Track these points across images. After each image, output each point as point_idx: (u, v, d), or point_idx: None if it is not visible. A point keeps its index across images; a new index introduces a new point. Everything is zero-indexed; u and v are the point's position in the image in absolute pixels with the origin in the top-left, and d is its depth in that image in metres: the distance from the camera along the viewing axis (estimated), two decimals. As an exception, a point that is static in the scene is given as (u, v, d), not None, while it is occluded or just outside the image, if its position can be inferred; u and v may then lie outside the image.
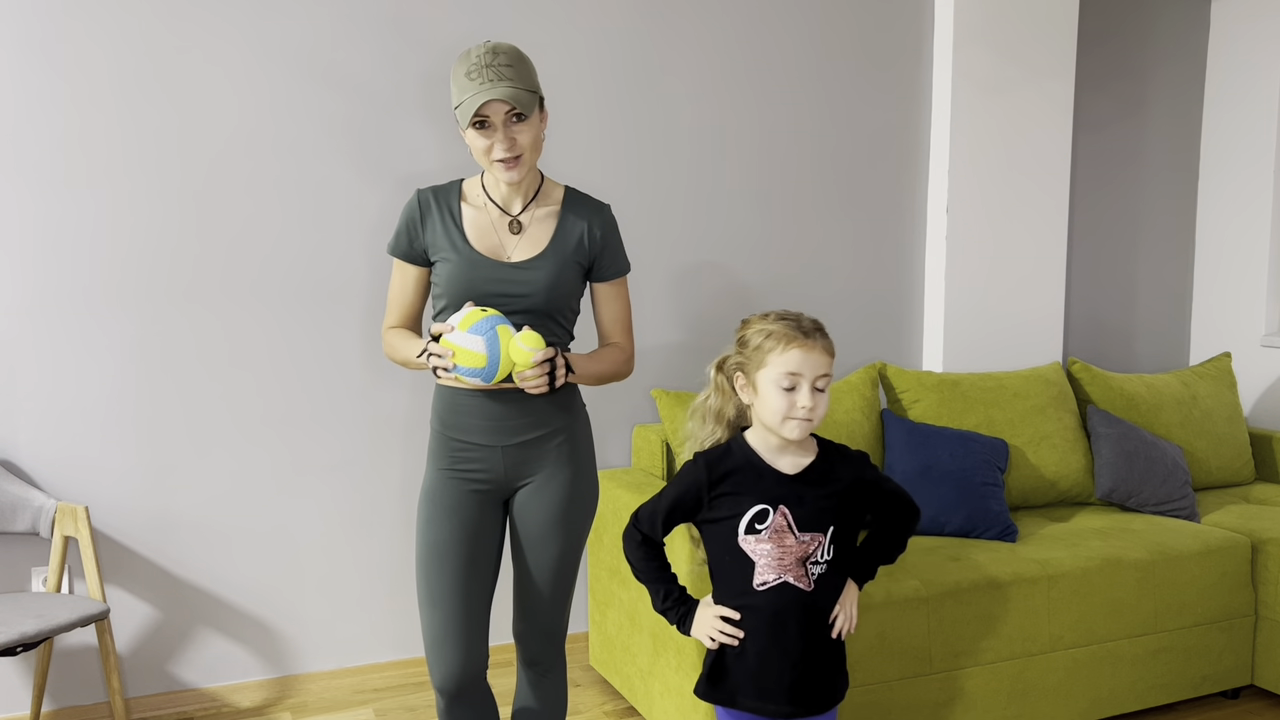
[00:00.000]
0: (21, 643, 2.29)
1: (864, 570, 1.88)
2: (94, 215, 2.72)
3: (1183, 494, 3.13)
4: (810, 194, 3.44)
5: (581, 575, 3.27)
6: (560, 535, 2.03)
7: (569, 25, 3.10)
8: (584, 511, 2.06)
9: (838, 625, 1.80)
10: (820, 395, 1.74)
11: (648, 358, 3.26)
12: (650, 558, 1.85)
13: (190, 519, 2.86)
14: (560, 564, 2.05)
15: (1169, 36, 3.96)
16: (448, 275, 1.96)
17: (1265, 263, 3.84)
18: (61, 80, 2.66)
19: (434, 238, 1.98)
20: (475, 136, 1.89)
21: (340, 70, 2.88)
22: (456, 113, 1.88)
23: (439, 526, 1.99)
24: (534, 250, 1.98)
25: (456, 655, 1.98)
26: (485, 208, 2.00)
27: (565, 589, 2.07)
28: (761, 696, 1.77)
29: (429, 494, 2.02)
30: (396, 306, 2.08)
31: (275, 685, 2.99)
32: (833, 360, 1.77)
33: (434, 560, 1.98)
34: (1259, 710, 2.92)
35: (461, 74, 1.86)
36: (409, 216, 2.01)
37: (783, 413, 1.73)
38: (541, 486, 2.01)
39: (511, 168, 1.90)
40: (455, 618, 1.97)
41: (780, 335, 1.73)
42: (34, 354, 2.70)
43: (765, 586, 1.75)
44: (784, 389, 1.72)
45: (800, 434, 1.74)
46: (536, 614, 2.06)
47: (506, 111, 1.86)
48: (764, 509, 1.75)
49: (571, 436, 2.04)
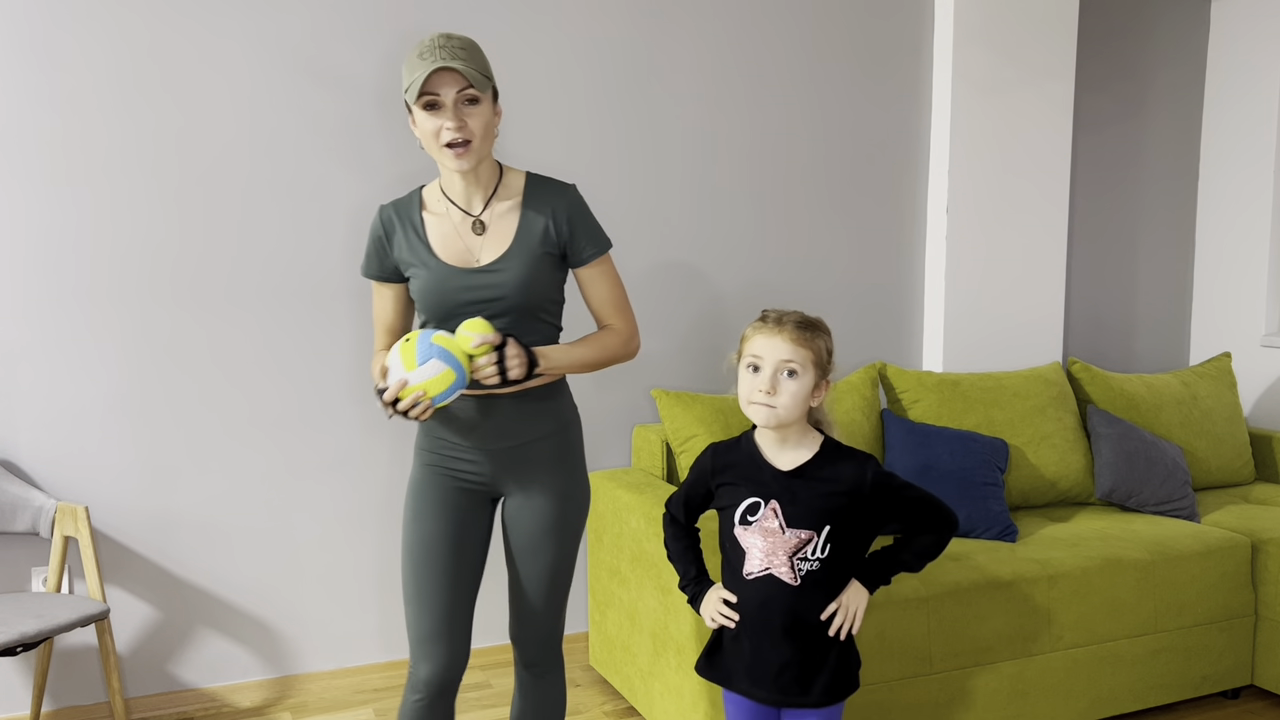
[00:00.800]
0: (21, 643, 2.29)
1: (874, 574, 1.86)
2: (93, 216, 2.72)
3: (1183, 494, 3.13)
4: (810, 194, 3.45)
5: (581, 575, 3.27)
6: (554, 541, 2.00)
7: (568, 26, 3.10)
8: (577, 515, 2.04)
9: (835, 623, 1.80)
10: (786, 381, 1.76)
11: (647, 358, 3.26)
12: (677, 538, 1.96)
13: (190, 519, 2.87)
14: (555, 569, 2.02)
15: (1169, 36, 3.96)
16: (420, 290, 1.93)
17: (1265, 263, 3.84)
18: (61, 81, 2.66)
19: (402, 254, 1.94)
20: (425, 118, 1.83)
21: (339, 70, 2.88)
22: (406, 96, 1.82)
23: (426, 521, 1.97)
24: (500, 249, 1.92)
25: (444, 652, 1.97)
26: (447, 212, 1.94)
27: (561, 593, 2.06)
28: (752, 682, 1.83)
29: (416, 488, 2.00)
30: (382, 327, 2.05)
31: (275, 685, 2.99)
32: (807, 353, 1.77)
33: (421, 555, 1.96)
34: (1259, 710, 2.92)
35: (414, 56, 1.81)
36: (375, 236, 1.98)
37: (746, 395, 1.80)
38: (533, 492, 1.98)
39: (462, 154, 1.83)
40: (442, 615, 1.96)
41: (754, 325, 1.82)
42: (34, 354, 2.70)
43: (752, 577, 1.80)
44: (749, 372, 1.80)
45: (764, 420, 1.78)
46: (533, 618, 2.04)
47: (459, 91, 1.81)
48: (756, 502, 1.80)
49: (561, 440, 2.01)
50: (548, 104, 3.11)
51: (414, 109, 1.84)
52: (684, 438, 2.83)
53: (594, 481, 2.99)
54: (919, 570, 1.89)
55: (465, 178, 1.91)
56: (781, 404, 1.76)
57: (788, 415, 1.77)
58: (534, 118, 3.09)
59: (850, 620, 1.81)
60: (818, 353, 1.79)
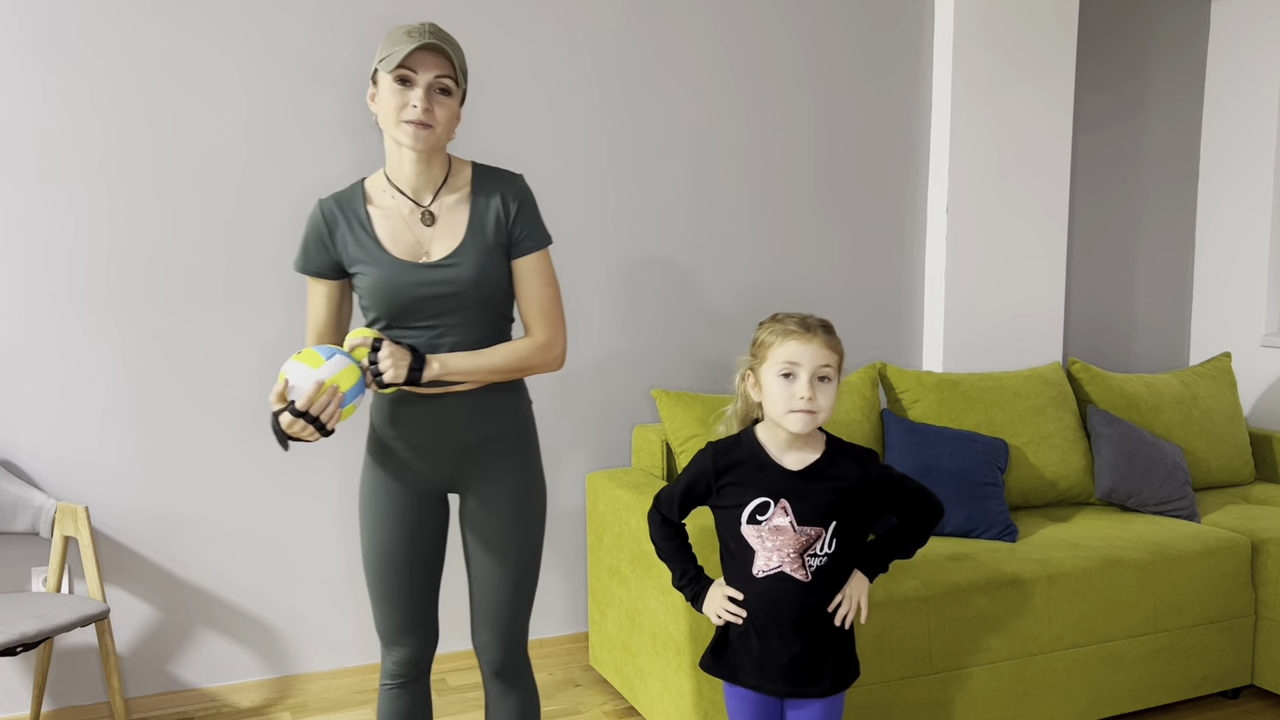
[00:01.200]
0: (21, 643, 2.29)
1: (874, 562, 1.91)
2: (91, 216, 2.72)
3: (1183, 494, 3.13)
4: (810, 194, 3.45)
5: (581, 575, 3.27)
6: (516, 540, 1.97)
7: (569, 26, 3.10)
8: (538, 511, 2.01)
9: (840, 613, 1.84)
10: (823, 386, 1.78)
11: (648, 358, 3.27)
12: (670, 538, 1.96)
13: (190, 519, 2.87)
14: (521, 568, 1.98)
15: (1169, 36, 3.96)
16: (370, 287, 1.86)
17: (1265, 263, 3.84)
18: (59, 81, 2.66)
19: (346, 249, 1.88)
20: (393, 91, 1.79)
21: (338, 71, 2.88)
22: (380, 65, 1.79)
23: (382, 531, 1.95)
24: (453, 242, 1.87)
25: (413, 641, 2.00)
26: (394, 202, 1.89)
27: (528, 592, 2.01)
28: (761, 676, 1.85)
29: (370, 496, 1.96)
30: (314, 331, 1.96)
31: (275, 685, 2.99)
32: (837, 356, 1.81)
33: (383, 564, 1.95)
34: (1259, 710, 2.92)
35: (399, 32, 1.79)
36: (315, 229, 1.90)
37: (784, 404, 1.78)
38: (489, 493, 1.95)
39: (421, 130, 1.79)
40: (410, 612, 1.99)
41: (780, 330, 1.80)
42: (34, 354, 2.70)
43: (763, 574, 1.82)
44: (783, 380, 1.78)
45: (803, 427, 1.78)
46: (500, 619, 1.99)
47: (436, 75, 1.79)
48: (765, 501, 1.81)
49: (516, 438, 1.97)
50: (548, 104, 3.10)
51: (381, 80, 1.81)
52: (684, 438, 2.83)
53: (594, 481, 2.99)
54: (911, 556, 1.95)
55: (416, 165, 1.86)
56: (821, 408, 1.78)
57: (825, 419, 1.80)
58: (534, 117, 3.09)
59: (854, 610, 1.85)
60: (842, 355, 1.82)
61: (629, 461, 3.27)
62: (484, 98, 2.99)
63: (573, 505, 3.24)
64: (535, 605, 3.23)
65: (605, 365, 3.24)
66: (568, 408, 3.20)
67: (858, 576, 1.88)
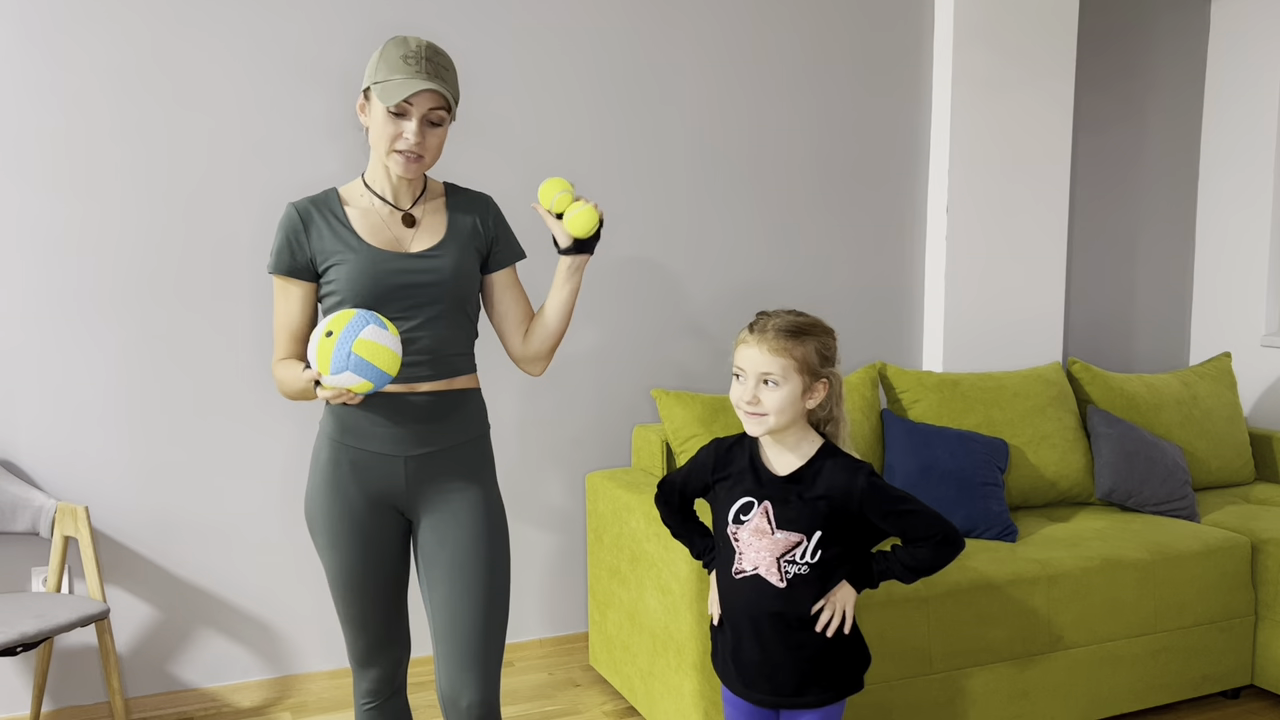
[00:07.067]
0: (21, 643, 2.29)
1: (863, 574, 1.84)
2: (93, 217, 2.72)
3: (1183, 494, 3.13)
4: (810, 194, 3.45)
5: (581, 575, 3.27)
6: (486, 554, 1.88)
7: (570, 26, 3.10)
8: (504, 525, 1.94)
9: (822, 619, 1.79)
10: (766, 392, 1.76)
11: (648, 358, 3.27)
12: (675, 517, 2.01)
13: (190, 519, 2.87)
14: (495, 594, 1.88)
15: (1169, 36, 3.96)
16: (348, 275, 1.83)
17: (1265, 263, 3.84)
18: (61, 82, 2.66)
19: (322, 245, 1.86)
20: (386, 121, 1.80)
21: (339, 72, 2.88)
22: (374, 88, 1.80)
23: (344, 551, 1.89)
24: (434, 239, 1.90)
25: (389, 660, 2.00)
26: (373, 205, 1.90)
27: (503, 620, 1.91)
28: (744, 683, 1.86)
29: (325, 513, 1.89)
30: (285, 334, 1.91)
31: (275, 685, 2.99)
32: (789, 361, 1.75)
33: (351, 585, 1.91)
34: (1259, 710, 2.92)
35: (396, 55, 1.78)
36: (290, 229, 1.87)
37: (734, 405, 1.82)
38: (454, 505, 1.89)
39: (412, 163, 1.83)
40: (381, 633, 1.97)
41: (742, 331, 1.83)
42: (34, 354, 2.70)
43: (740, 575, 1.82)
44: (734, 380, 1.82)
45: (755, 429, 1.79)
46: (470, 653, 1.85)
47: (431, 108, 1.80)
48: (749, 502, 1.82)
49: (478, 449, 1.95)
50: (549, 104, 3.10)
51: (375, 103, 1.81)
52: (684, 438, 2.83)
53: (594, 481, 2.99)
54: (909, 583, 1.87)
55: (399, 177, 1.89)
56: (770, 411, 1.76)
57: (776, 423, 1.77)
58: (535, 117, 3.09)
59: (838, 617, 1.80)
60: (803, 358, 1.75)
61: (629, 461, 3.27)
62: (484, 97, 2.99)
63: (573, 505, 3.24)
64: (535, 605, 3.25)
65: (605, 365, 3.24)
66: (568, 408, 3.20)
67: (844, 585, 1.82)
